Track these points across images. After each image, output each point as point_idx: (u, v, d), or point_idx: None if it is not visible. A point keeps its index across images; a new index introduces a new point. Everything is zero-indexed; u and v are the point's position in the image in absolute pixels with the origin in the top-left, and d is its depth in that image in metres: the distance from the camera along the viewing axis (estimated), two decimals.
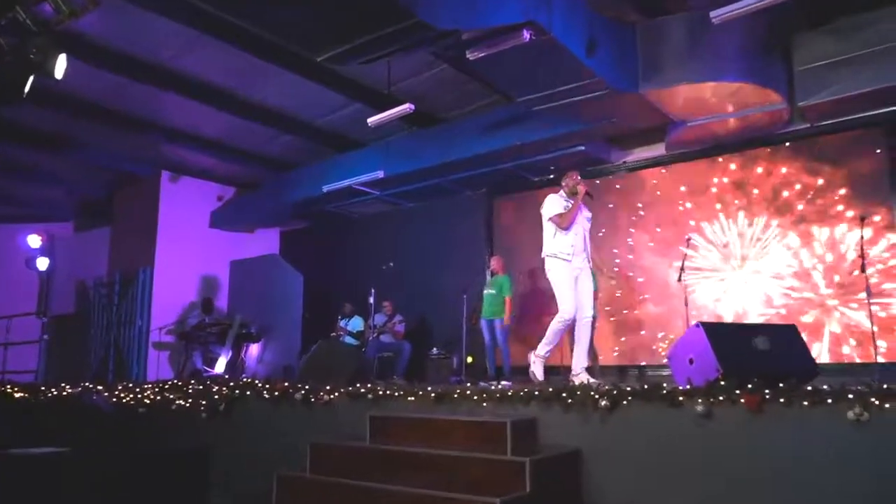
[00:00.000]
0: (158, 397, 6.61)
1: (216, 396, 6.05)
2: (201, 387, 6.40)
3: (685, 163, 8.08)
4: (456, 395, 4.67)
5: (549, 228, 5.47)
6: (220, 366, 9.66)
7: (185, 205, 10.98)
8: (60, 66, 4.46)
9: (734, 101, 6.75)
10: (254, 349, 10.51)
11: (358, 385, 5.24)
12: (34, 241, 10.67)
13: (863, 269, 5.55)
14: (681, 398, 3.71)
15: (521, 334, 8.80)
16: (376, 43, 4.50)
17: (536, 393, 4.27)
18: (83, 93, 8.05)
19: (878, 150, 6.89)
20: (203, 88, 8.17)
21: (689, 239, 6.80)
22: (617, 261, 8.46)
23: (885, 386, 3.28)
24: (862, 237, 5.86)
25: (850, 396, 3.24)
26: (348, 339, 9.39)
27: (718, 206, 7.79)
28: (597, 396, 3.97)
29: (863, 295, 6.28)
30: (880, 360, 6.14)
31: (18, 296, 10.80)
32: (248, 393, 5.86)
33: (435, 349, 9.13)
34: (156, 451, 6.15)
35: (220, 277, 11.21)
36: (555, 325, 5.38)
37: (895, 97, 6.45)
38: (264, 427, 5.49)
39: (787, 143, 7.41)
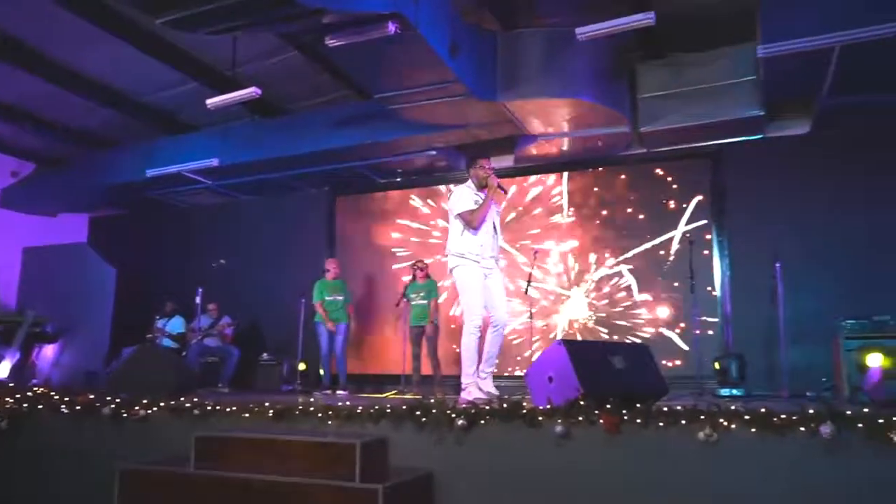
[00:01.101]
0: None
1: None
2: None
3: (530, 176, 8.22)
4: (298, 412, 4.23)
5: (455, 225, 4.84)
6: (3, 370, 8.26)
7: None
8: None
9: (584, 119, 6.95)
10: (48, 351, 9.14)
11: (182, 399, 4.59)
12: None
13: (692, 289, 5.91)
14: (540, 418, 3.60)
15: (355, 342, 8.48)
16: (231, 11, 3.94)
17: (388, 410, 3.96)
18: None
19: (705, 178, 7.44)
20: (3, 42, 6.91)
21: (535, 252, 6.88)
22: None
23: (732, 408, 3.39)
24: (691, 260, 6.25)
25: (702, 417, 3.31)
26: (166, 342, 8.45)
27: (558, 219, 8.02)
28: (453, 415, 3.76)
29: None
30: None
31: None
32: (41, 406, 4.94)
33: (265, 354, 8.50)
34: None
35: (10, 266, 9.63)
36: (466, 339, 4.70)
37: (720, 132, 7.01)
38: (62, 449, 4.63)
39: (627, 165, 7.79)
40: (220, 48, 6.87)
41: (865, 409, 3.21)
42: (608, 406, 3.46)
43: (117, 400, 4.68)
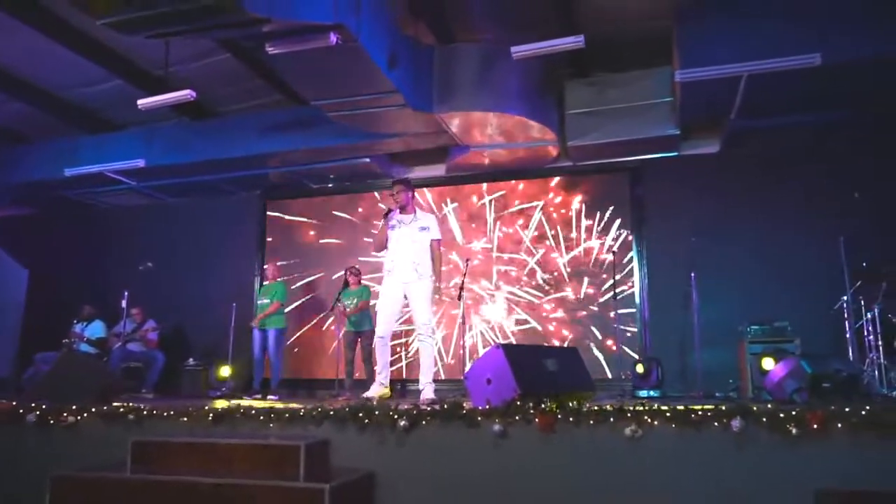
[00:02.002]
0: None
1: None
2: None
3: (461, 185, 8.46)
4: (239, 415, 4.25)
5: None
6: None
7: None
8: None
9: (515, 133, 7.24)
10: None
11: (116, 404, 4.51)
12: None
13: (615, 297, 6.28)
14: (479, 418, 3.78)
15: (292, 346, 8.45)
16: (174, 17, 3.94)
17: (331, 413, 4.05)
18: None
19: (625, 192, 7.89)
20: None
21: (467, 260, 7.09)
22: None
23: (655, 406, 3.69)
24: (614, 270, 6.63)
25: (629, 415, 3.59)
26: (84, 347, 8.14)
27: (486, 227, 8.29)
28: (395, 416, 3.89)
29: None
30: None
31: None
32: None
33: (191, 359, 8.34)
34: None
35: None
36: (374, 346, 5.29)
37: (640, 148, 7.46)
38: None
39: (555, 178, 8.14)
40: (150, 47, 6.69)
41: (769, 406, 3.59)
42: (543, 406, 3.70)
43: (43, 406, 4.55)
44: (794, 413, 3.42)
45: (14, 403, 4.67)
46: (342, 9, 5.04)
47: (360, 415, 3.98)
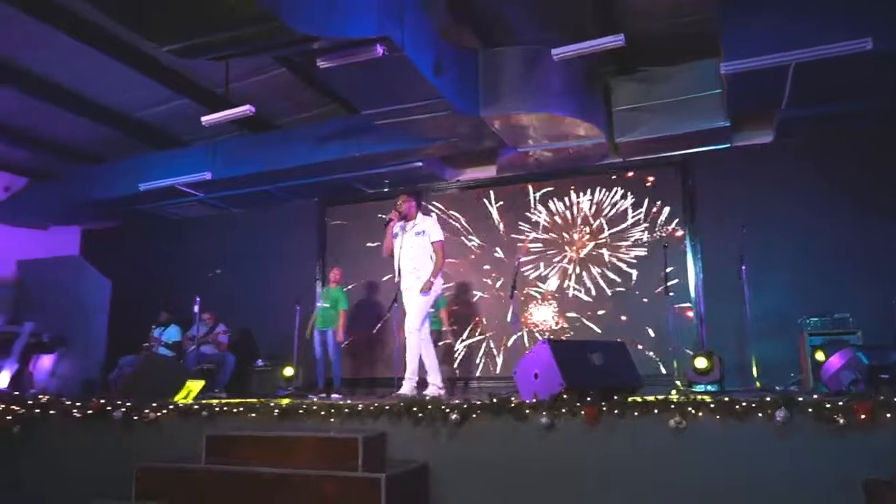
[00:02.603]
0: None
1: (9, 416, 5.29)
2: None
3: (512, 185, 8.60)
4: (301, 411, 4.54)
5: None
6: (3, 380, 8.44)
7: None
8: None
9: (562, 132, 7.32)
10: (45, 361, 9.31)
11: (191, 401, 4.88)
12: None
13: (666, 291, 6.30)
14: (527, 411, 3.95)
15: (352, 347, 8.77)
16: (231, 41, 4.26)
17: (387, 407, 4.29)
18: None
19: (677, 186, 7.86)
20: None
21: (519, 258, 7.23)
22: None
23: (699, 397, 3.77)
24: (665, 264, 6.64)
25: (672, 406, 3.68)
26: (162, 350, 8.68)
27: (540, 226, 8.39)
28: (447, 410, 4.09)
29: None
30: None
31: None
32: (53, 412, 5.20)
33: (260, 360, 8.77)
34: None
35: (4, 279, 9.80)
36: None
37: (690, 142, 7.42)
38: (75, 451, 4.90)
39: (604, 174, 8.19)
40: (211, 67, 7.07)
41: (815, 396, 3.61)
42: (588, 399, 3.82)
43: (128, 404, 4.96)
44: (840, 403, 3.44)
45: (102, 401, 5.11)
46: (386, 22, 5.27)
47: (415, 409, 4.20)
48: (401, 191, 5.87)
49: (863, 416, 3.34)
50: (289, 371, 8.22)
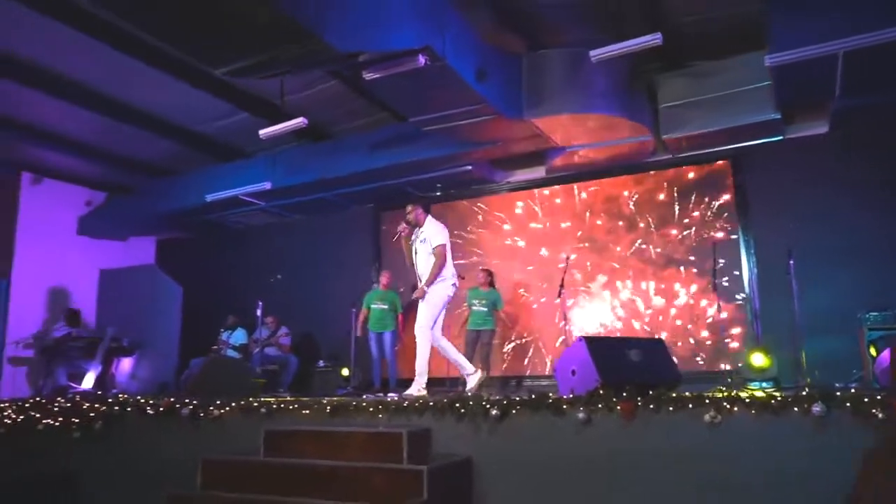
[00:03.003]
0: (20, 417, 6.17)
1: (91, 414, 5.76)
2: (69, 404, 6.06)
3: (560, 185, 8.66)
4: (352, 408, 4.79)
5: None
6: (89, 381, 9.07)
7: (49, 209, 10.24)
8: None
9: (608, 131, 7.36)
10: (125, 364, 9.96)
11: (251, 399, 5.20)
12: None
13: (714, 288, 6.26)
14: (565, 406, 4.06)
15: (408, 348, 9.00)
16: (279, 60, 4.55)
17: (431, 404, 4.48)
18: None
19: (727, 180, 7.76)
20: (68, 86, 7.70)
21: (567, 258, 7.30)
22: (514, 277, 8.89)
23: (734, 392, 3.79)
24: (714, 261, 6.59)
25: (707, 401, 3.72)
26: (230, 353, 9.16)
27: (591, 226, 8.43)
28: (488, 406, 4.25)
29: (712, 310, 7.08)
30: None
31: None
32: (129, 409, 5.64)
33: (321, 361, 9.13)
34: (18, 476, 5.74)
35: (89, 287, 10.53)
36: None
37: (740, 135, 7.32)
38: (148, 445, 5.31)
39: (652, 172, 8.16)
40: (267, 82, 7.50)
41: (853, 390, 3.58)
42: (624, 394, 3.91)
43: (195, 402, 5.33)
44: (878, 397, 3.41)
45: (172, 400, 5.51)
46: (427, 33, 5.47)
47: (457, 405, 4.37)
48: (410, 202, 6.06)
49: None
50: (346, 371, 8.53)
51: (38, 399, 6.69)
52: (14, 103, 8.08)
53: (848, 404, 3.45)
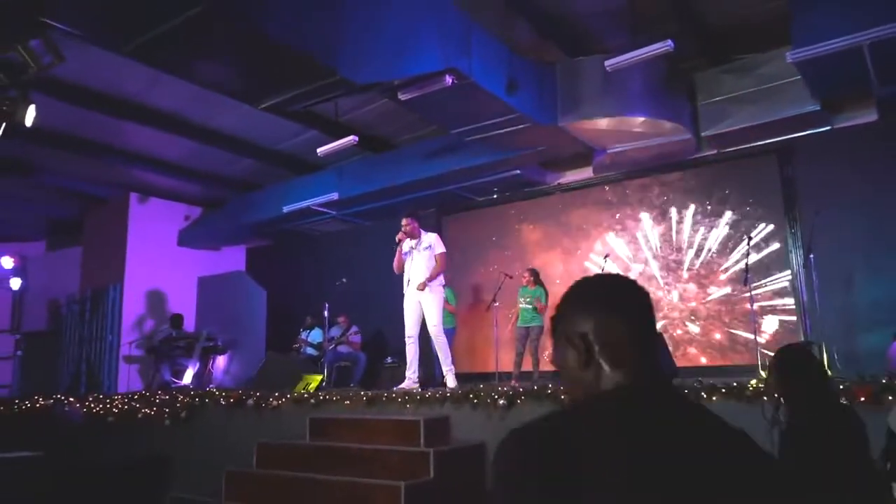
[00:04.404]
0: (126, 407, 7.21)
1: (178, 405, 6.67)
2: (167, 397, 7.02)
3: (611, 184, 8.87)
4: (384, 399, 5.37)
5: None
6: (188, 377, 10.21)
7: (154, 224, 11.55)
8: (30, 115, 5.09)
9: (645, 132, 7.53)
10: (220, 361, 11.08)
11: (302, 391, 5.90)
12: (7, 262, 11.18)
13: (745, 282, 6.34)
14: (563, 397, 4.44)
15: (467, 344, 9.53)
16: (308, 94, 5.18)
17: (448, 395, 4.98)
18: (49, 123, 8.58)
19: (775, 173, 7.72)
20: (165, 118, 8.77)
21: (606, 256, 7.54)
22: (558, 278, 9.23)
23: (710, 382, 4.04)
24: (748, 254, 6.65)
25: (686, 391, 3.99)
26: (308, 350, 10.02)
27: (638, 222, 8.60)
28: (496, 397, 4.69)
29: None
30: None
31: None
32: (207, 401, 6.50)
33: (389, 358, 9.79)
34: (122, 456, 6.76)
35: (189, 293, 11.77)
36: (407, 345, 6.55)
37: (785, 128, 7.28)
38: (220, 430, 6.13)
39: (698, 167, 8.22)
40: (331, 102, 8.25)
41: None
42: None
43: (257, 394, 6.10)
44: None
45: (240, 392, 6.31)
46: (452, 54, 5.95)
47: (471, 396, 4.85)
48: (405, 214, 6.74)
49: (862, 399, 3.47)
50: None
51: (141, 392, 7.76)
52: (121, 135, 9.29)
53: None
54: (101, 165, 10.13)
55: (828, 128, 7.27)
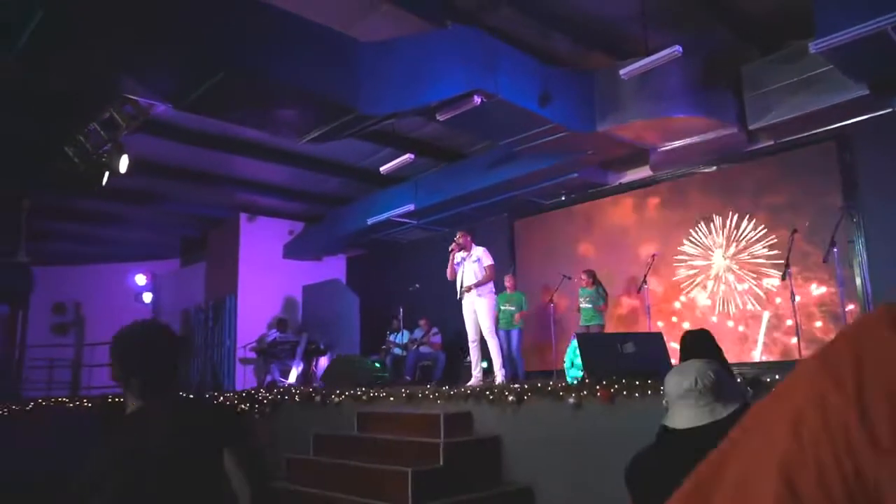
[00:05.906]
0: (228, 403, 8.29)
1: (264, 401, 7.64)
2: (259, 395, 8.03)
3: (667, 182, 8.90)
4: (420, 396, 5.95)
5: None
6: (293, 377, 11.38)
7: (262, 240, 12.90)
8: (123, 164, 6.19)
9: (692, 128, 7.57)
10: (323, 361, 12.18)
11: (356, 389, 6.63)
12: (140, 279, 12.97)
13: (783, 277, 6.28)
14: (561, 394, 4.82)
15: (534, 344, 9.90)
16: (343, 127, 5.88)
17: (469, 392, 5.48)
18: (164, 160, 9.99)
19: (834, 161, 7.46)
20: (264, 149, 9.89)
21: (654, 256, 7.64)
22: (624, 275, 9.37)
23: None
24: (789, 249, 6.55)
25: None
26: (396, 351, 10.83)
27: (693, 219, 8.57)
28: (507, 394, 5.14)
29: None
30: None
31: None
32: (286, 398, 7.41)
33: (468, 357, 10.36)
34: None
35: (295, 300, 13.02)
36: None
37: (840, 114, 7.05)
38: (294, 423, 7.00)
39: (754, 159, 8.09)
40: (401, 120, 8.91)
41: None
42: (604, 383, 4.56)
43: (323, 391, 6.91)
44: None
45: (310, 390, 7.16)
46: (477, 76, 6.43)
47: (487, 392, 5.32)
48: (460, 231, 7.20)
49: None
50: (485, 364, 9.65)
51: (248, 390, 8.85)
52: (230, 165, 10.60)
53: None
54: (215, 192, 11.56)
55: (889, 109, 6.95)
